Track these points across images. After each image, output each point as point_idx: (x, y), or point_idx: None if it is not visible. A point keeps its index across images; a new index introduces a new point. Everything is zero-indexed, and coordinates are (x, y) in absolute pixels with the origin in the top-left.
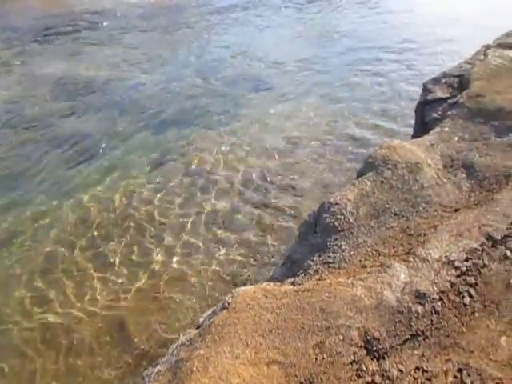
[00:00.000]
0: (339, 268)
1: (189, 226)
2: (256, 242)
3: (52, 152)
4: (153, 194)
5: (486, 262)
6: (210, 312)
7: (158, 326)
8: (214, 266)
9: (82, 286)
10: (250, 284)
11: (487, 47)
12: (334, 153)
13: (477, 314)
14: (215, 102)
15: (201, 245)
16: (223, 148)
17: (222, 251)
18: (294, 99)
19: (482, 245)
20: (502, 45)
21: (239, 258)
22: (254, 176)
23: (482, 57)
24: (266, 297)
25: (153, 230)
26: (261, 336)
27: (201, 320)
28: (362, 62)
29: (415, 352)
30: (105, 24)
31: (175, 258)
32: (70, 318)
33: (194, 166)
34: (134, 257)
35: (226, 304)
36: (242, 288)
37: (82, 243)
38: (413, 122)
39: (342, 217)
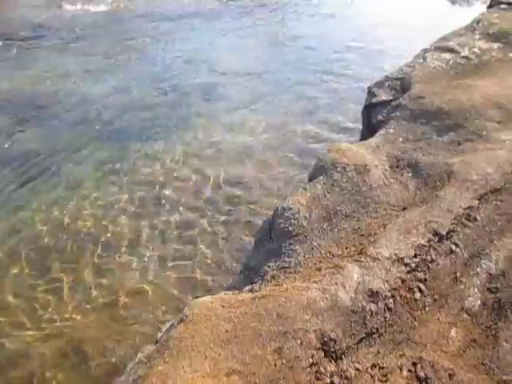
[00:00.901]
0: (295, 272)
1: (143, 239)
2: (212, 252)
3: None
4: (105, 208)
5: (434, 257)
6: (168, 326)
7: (115, 345)
8: (171, 279)
9: (33, 305)
10: (211, 295)
11: (425, 50)
12: (285, 159)
13: (427, 308)
14: (167, 112)
15: (156, 258)
16: (175, 158)
17: (179, 264)
18: (246, 107)
19: (428, 241)
20: (439, 48)
21: (197, 269)
22: (206, 187)
23: (421, 60)
24: (223, 306)
25: (106, 244)
26: (219, 347)
27: (159, 335)
28: (311, 68)
29: (371, 350)
30: (52, 34)
31: (130, 273)
32: (22, 341)
33: (146, 178)
34: (87, 273)
35: (184, 317)
36: (200, 299)
37: (31, 261)
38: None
39: (296, 221)
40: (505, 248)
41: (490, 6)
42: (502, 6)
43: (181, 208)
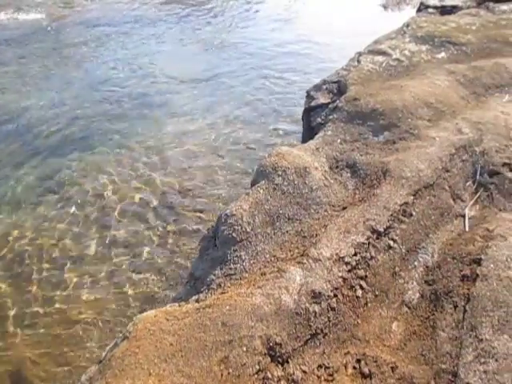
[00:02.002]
0: (240, 278)
1: (88, 254)
2: (159, 264)
3: None
4: (49, 224)
5: (373, 254)
6: (111, 345)
7: (59, 369)
8: (117, 294)
9: None
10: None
11: (360, 54)
12: (230, 165)
13: (369, 305)
14: (108, 122)
15: (104, 274)
16: (119, 169)
17: (128, 277)
18: (189, 114)
19: (367, 238)
20: (372, 51)
21: (146, 282)
22: (151, 196)
23: (356, 63)
24: (168, 319)
25: (49, 260)
26: (163, 361)
27: (103, 354)
28: (253, 73)
29: (316, 351)
30: None
31: (75, 290)
32: None
33: (88, 191)
34: (29, 291)
35: (127, 333)
36: (144, 314)
37: None
38: None
39: (239, 227)
40: (439, 241)
41: (418, 10)
42: (430, 10)
43: (126, 220)
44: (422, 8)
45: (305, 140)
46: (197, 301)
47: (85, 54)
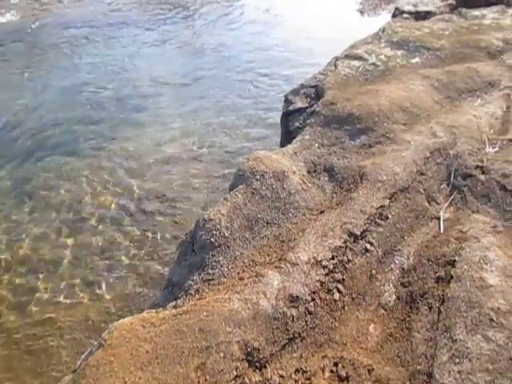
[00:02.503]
0: (219, 284)
1: (64, 260)
2: (141, 270)
3: None
4: (24, 229)
5: (350, 257)
6: (86, 353)
7: (32, 380)
8: (96, 301)
9: None
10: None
11: (337, 58)
12: (209, 170)
13: (347, 308)
14: (86, 126)
15: (79, 280)
16: (97, 173)
17: (105, 284)
18: (170, 119)
19: (344, 242)
20: (348, 56)
21: (123, 288)
22: (129, 202)
23: (333, 67)
24: (144, 326)
25: (27, 267)
26: (139, 369)
27: (78, 363)
28: (233, 77)
29: (294, 355)
30: None
31: (50, 297)
32: None
33: (67, 196)
34: (2, 299)
35: (102, 341)
36: (120, 321)
37: None
38: None
39: (218, 232)
40: (415, 243)
41: (393, 16)
42: (404, 15)
43: (103, 225)
44: (397, 13)
45: (283, 144)
46: (174, 307)
47: (62, 57)
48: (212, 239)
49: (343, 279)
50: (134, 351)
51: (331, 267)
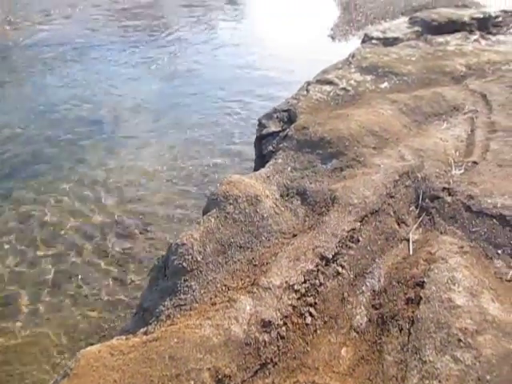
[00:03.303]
0: (191, 309)
1: (35, 283)
2: (112, 295)
3: None
4: None
5: (322, 280)
6: (51, 383)
7: None
8: (64, 327)
9: None
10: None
11: (308, 83)
12: (184, 193)
13: (319, 331)
14: (58, 148)
15: (47, 305)
16: (70, 196)
17: (74, 309)
18: (143, 142)
19: (316, 265)
20: (320, 81)
21: (93, 313)
22: (103, 225)
23: (305, 92)
24: (112, 354)
25: None
26: None
27: None
28: (206, 100)
29: (266, 381)
30: None
31: (18, 324)
32: None
33: (34, 219)
34: None
35: (68, 370)
36: (87, 349)
37: None
38: None
39: (190, 257)
40: (385, 265)
41: (363, 42)
42: (373, 41)
43: (74, 248)
44: (367, 39)
45: (257, 167)
46: (145, 333)
47: (32, 78)
48: (184, 264)
49: (315, 303)
50: (102, 380)
51: (303, 291)
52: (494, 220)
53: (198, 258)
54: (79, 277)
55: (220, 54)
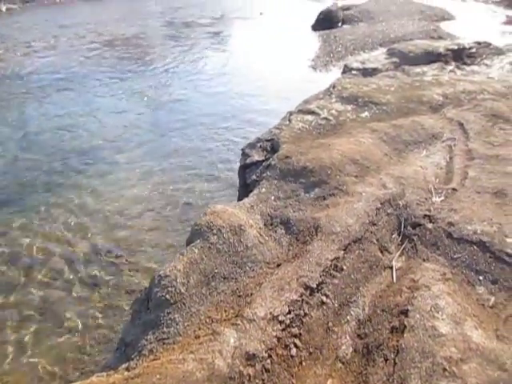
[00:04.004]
0: (174, 343)
1: (11, 318)
2: (92, 329)
3: None
4: None
5: (307, 310)
6: None
7: None
8: (37, 365)
9: None
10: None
11: (291, 113)
12: (167, 223)
13: (304, 363)
14: (38, 178)
15: (27, 338)
16: (49, 227)
17: (51, 344)
18: (125, 171)
19: (301, 295)
20: (302, 110)
21: (72, 349)
22: (85, 256)
23: (288, 122)
24: None
25: None
26: None
27: None
28: (191, 130)
29: None
30: None
31: None
32: None
33: (10, 251)
34: None
35: None
36: None
37: None
38: None
39: (173, 289)
40: (369, 293)
41: (343, 72)
42: (353, 72)
43: (53, 280)
44: (347, 70)
45: (241, 196)
46: (127, 369)
47: (16, 109)
48: (167, 296)
49: (300, 334)
50: None
51: (288, 322)
52: (475, 246)
53: (182, 290)
54: (61, 307)
55: (205, 84)
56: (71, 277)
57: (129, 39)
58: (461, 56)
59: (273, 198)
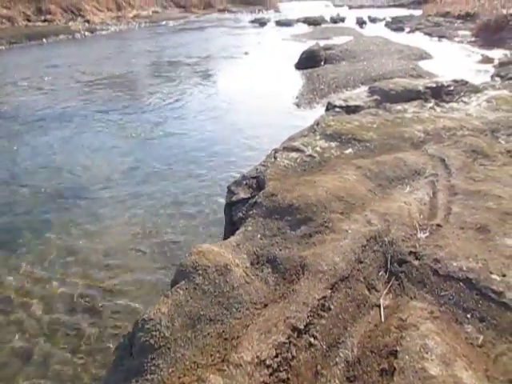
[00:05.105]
0: None
1: None
2: (73, 377)
3: None
4: None
5: (294, 353)
6: None
7: None
8: None
9: None
10: None
11: (276, 150)
12: (151, 264)
13: None
14: (20, 218)
15: None
16: (29, 268)
17: None
18: (110, 210)
19: (288, 337)
20: (287, 148)
21: None
22: (66, 299)
23: (273, 159)
24: None
25: None
26: None
27: None
28: (182, 168)
29: None
30: None
31: None
32: None
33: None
34: None
35: None
36: None
37: None
38: None
39: (158, 333)
40: (358, 333)
41: (327, 109)
42: (336, 109)
43: (34, 322)
44: (330, 107)
45: (227, 234)
46: None
47: (1, 149)
48: (151, 341)
49: (288, 378)
50: None
51: (275, 366)
52: (461, 283)
53: (166, 334)
54: (39, 352)
55: (192, 121)
56: (51, 320)
57: (116, 78)
58: (439, 93)
59: (259, 236)
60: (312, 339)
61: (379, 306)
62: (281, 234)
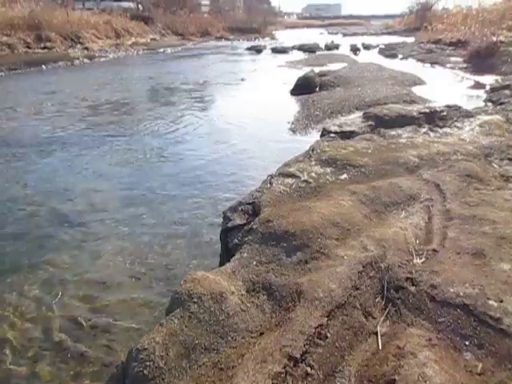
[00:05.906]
0: None
1: None
2: None
3: None
4: None
5: (291, 383)
6: None
7: None
8: None
9: None
10: None
11: (271, 176)
12: (147, 289)
13: None
14: (11, 245)
15: None
16: (20, 298)
17: None
18: (105, 236)
19: (284, 367)
20: (282, 173)
21: None
22: (57, 330)
23: (269, 185)
24: None
25: None
26: None
27: None
28: (178, 192)
29: None
30: None
31: None
32: None
33: None
34: None
35: None
36: None
37: None
38: None
39: (151, 363)
40: (355, 362)
41: (322, 135)
42: (331, 135)
43: (19, 357)
44: (325, 133)
45: (223, 260)
46: None
47: None
48: (145, 371)
49: None
50: None
51: None
52: (458, 310)
53: (161, 364)
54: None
55: (188, 146)
56: (43, 349)
57: (115, 103)
58: (433, 119)
59: (254, 262)
60: (309, 368)
61: (376, 334)
62: (276, 260)
